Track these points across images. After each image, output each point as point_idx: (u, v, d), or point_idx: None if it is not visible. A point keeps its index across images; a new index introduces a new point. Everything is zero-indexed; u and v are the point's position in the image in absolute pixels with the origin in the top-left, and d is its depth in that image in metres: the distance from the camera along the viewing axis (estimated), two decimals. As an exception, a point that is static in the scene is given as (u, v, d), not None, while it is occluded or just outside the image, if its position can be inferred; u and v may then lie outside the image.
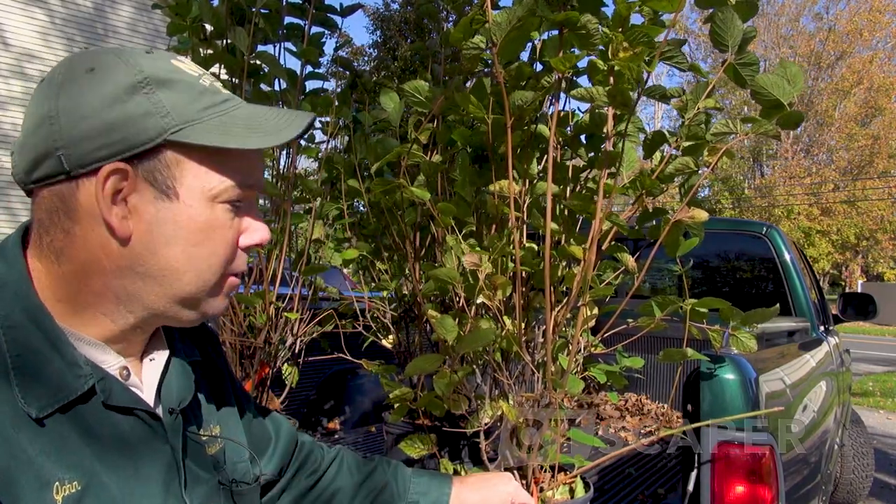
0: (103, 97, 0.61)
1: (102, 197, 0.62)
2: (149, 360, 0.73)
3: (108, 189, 0.62)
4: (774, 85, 1.12)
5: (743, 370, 1.39)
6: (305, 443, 0.98)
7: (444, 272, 1.28)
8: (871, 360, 11.92)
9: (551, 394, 1.26)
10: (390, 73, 14.18)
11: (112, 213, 0.62)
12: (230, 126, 0.65)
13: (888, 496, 4.33)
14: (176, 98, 0.63)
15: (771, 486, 1.32)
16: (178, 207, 0.64)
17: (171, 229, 0.64)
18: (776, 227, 2.86)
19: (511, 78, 1.18)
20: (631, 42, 1.07)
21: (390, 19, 16.19)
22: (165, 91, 0.63)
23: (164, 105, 0.62)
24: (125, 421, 0.65)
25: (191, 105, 0.64)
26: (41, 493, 0.56)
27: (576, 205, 1.26)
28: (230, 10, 1.66)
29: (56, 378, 0.60)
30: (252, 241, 0.70)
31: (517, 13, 1.04)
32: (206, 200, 0.65)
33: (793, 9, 31.64)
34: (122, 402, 0.65)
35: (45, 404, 0.59)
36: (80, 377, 0.62)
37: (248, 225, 0.70)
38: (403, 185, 1.38)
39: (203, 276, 0.66)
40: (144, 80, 0.63)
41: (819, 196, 27.65)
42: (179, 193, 0.64)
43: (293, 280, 1.90)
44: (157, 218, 0.64)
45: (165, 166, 0.63)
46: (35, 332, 0.61)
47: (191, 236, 0.65)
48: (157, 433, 0.67)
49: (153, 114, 0.62)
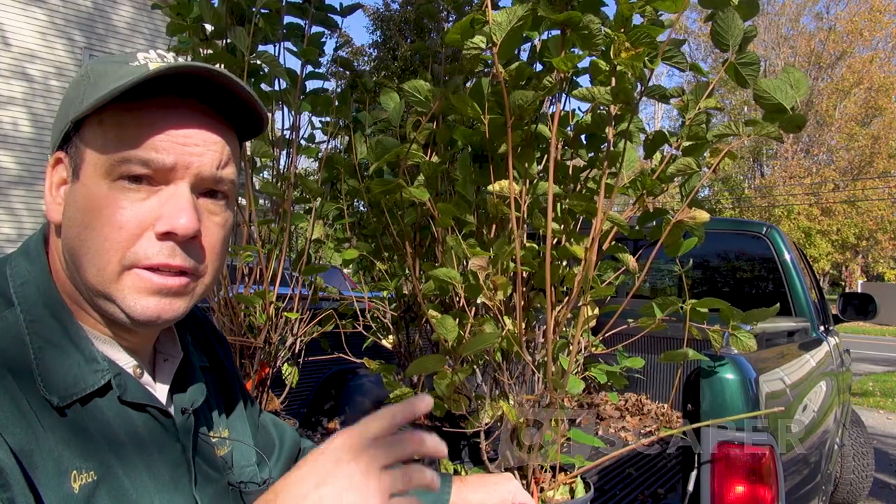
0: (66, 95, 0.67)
1: (51, 186, 0.66)
2: (162, 360, 0.74)
3: (53, 178, 0.66)
4: (777, 89, 1.12)
5: (743, 370, 1.39)
6: (307, 449, 0.98)
7: (444, 272, 1.28)
8: (871, 360, 11.92)
9: (552, 394, 1.26)
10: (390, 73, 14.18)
11: (52, 200, 0.66)
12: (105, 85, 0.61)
13: (888, 496, 4.33)
14: (101, 83, 0.62)
15: (771, 486, 1.32)
16: (78, 188, 0.63)
17: (72, 211, 0.63)
18: (776, 228, 2.86)
19: (511, 78, 1.18)
20: (633, 42, 1.07)
21: (390, 19, 16.19)
22: (100, 79, 0.63)
23: (89, 92, 0.62)
24: (139, 417, 0.66)
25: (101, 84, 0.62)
26: (60, 479, 0.57)
27: (576, 205, 1.26)
28: (230, 10, 1.66)
29: (75, 371, 0.62)
30: (158, 227, 0.62)
31: (517, 13, 1.04)
32: (98, 178, 0.62)
33: (793, 9, 31.65)
34: (137, 398, 0.66)
35: (66, 395, 0.60)
36: (98, 372, 0.63)
37: (161, 210, 0.63)
38: (403, 186, 1.38)
39: (94, 261, 0.62)
40: (86, 73, 0.65)
41: (819, 196, 27.65)
42: (80, 173, 0.63)
43: (293, 280, 1.90)
44: (68, 202, 0.64)
45: (75, 148, 0.64)
46: (56, 327, 0.63)
47: (83, 217, 0.62)
48: (169, 431, 0.68)
49: (74, 101, 0.64)
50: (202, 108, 0.65)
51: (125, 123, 0.61)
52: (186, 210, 0.63)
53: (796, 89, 1.12)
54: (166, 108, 0.63)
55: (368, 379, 2.84)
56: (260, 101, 0.67)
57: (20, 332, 0.61)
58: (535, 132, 1.33)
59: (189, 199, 0.63)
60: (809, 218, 26.66)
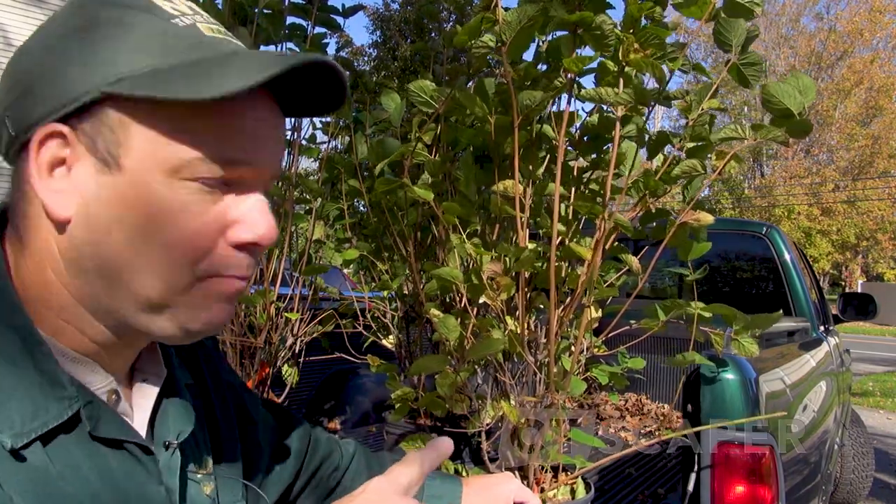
0: (43, 42, 0.50)
1: (36, 167, 0.49)
2: (140, 380, 0.60)
3: (43, 157, 0.49)
4: (786, 94, 1.12)
5: (743, 370, 1.39)
6: (321, 441, 0.88)
7: (446, 271, 1.28)
8: (871, 360, 11.92)
9: (553, 395, 1.26)
10: (390, 74, 14.18)
11: (46, 188, 0.49)
12: (189, 68, 0.48)
13: (888, 496, 4.33)
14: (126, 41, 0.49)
15: (771, 487, 1.33)
16: (122, 182, 0.49)
17: (112, 211, 0.49)
18: (776, 227, 2.86)
19: (519, 78, 1.18)
20: (642, 43, 1.07)
21: (390, 19, 16.18)
22: (117, 33, 0.49)
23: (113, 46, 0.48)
24: (114, 457, 0.52)
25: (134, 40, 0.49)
26: None
27: (581, 205, 1.26)
28: (232, 11, 1.66)
29: (34, 399, 0.48)
30: (239, 236, 0.52)
31: (528, 12, 1.04)
32: (161, 175, 0.49)
33: (793, 9, 31.66)
34: (111, 433, 0.52)
35: (21, 432, 0.46)
36: (63, 399, 0.49)
37: (239, 215, 0.52)
38: (407, 185, 1.38)
39: (163, 274, 0.50)
40: (92, 20, 0.49)
41: (819, 196, 27.66)
42: (124, 164, 0.49)
43: (293, 280, 1.90)
44: (97, 196, 0.49)
45: (108, 128, 0.48)
46: (11, 339, 0.48)
47: (140, 221, 0.49)
48: (150, 472, 0.55)
49: (89, 62, 0.48)
50: (270, 95, 0.54)
51: (201, 114, 0.49)
52: (269, 217, 0.53)
53: (805, 95, 1.12)
54: (253, 98, 0.51)
55: (369, 379, 2.84)
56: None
57: None
58: (539, 133, 1.33)
59: (268, 205, 0.54)
60: (809, 218, 26.66)
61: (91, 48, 0.49)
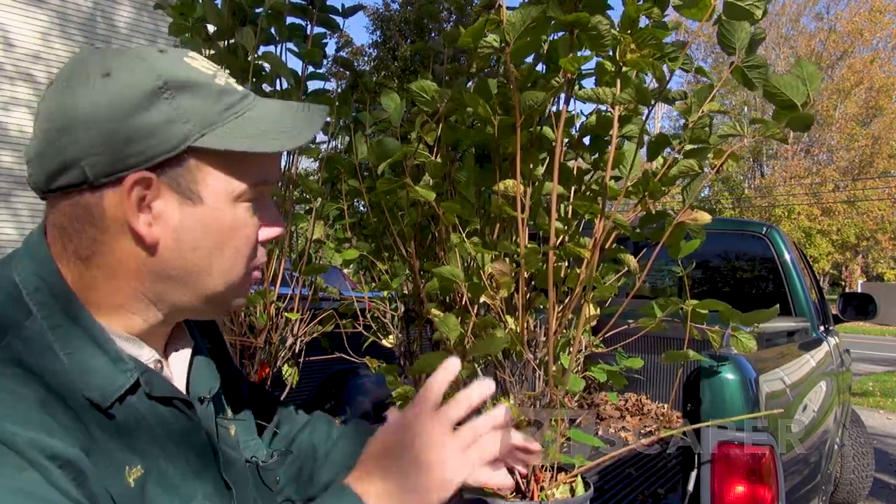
0: (124, 105, 0.61)
1: (129, 206, 0.62)
2: (174, 351, 0.76)
3: (133, 198, 0.62)
4: (788, 85, 1.10)
5: (743, 370, 1.39)
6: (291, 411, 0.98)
7: (448, 270, 1.28)
8: (871, 360, 11.92)
9: (553, 392, 1.27)
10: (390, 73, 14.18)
11: (139, 222, 0.63)
12: (250, 128, 0.66)
13: (888, 496, 4.33)
14: (196, 102, 0.64)
15: (771, 486, 1.33)
16: (203, 211, 0.66)
17: (198, 233, 0.66)
18: (776, 227, 2.86)
19: (521, 78, 1.18)
20: (639, 44, 1.07)
21: (390, 19, 16.18)
22: (185, 95, 0.63)
23: (186, 110, 0.63)
24: (166, 410, 0.68)
25: (211, 108, 0.64)
26: (118, 473, 0.60)
27: (580, 206, 1.26)
28: (232, 11, 1.66)
29: (106, 373, 0.63)
30: (270, 234, 0.72)
31: (532, 13, 1.04)
32: (228, 202, 0.67)
33: (793, 9, 31.65)
34: (163, 392, 0.68)
35: (105, 396, 0.62)
36: (126, 371, 0.65)
37: (264, 219, 0.72)
38: (410, 186, 1.38)
39: (229, 276, 0.69)
40: (164, 84, 0.62)
41: (819, 196, 27.66)
42: (203, 197, 0.65)
43: (293, 280, 1.90)
44: (182, 223, 0.65)
45: (188, 171, 0.64)
46: (79, 332, 0.63)
47: (217, 239, 0.67)
48: (194, 420, 0.71)
49: (175, 121, 0.62)
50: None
51: (253, 156, 0.66)
52: (280, 216, 0.73)
53: (809, 83, 1.10)
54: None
55: (369, 379, 2.84)
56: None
57: (47, 340, 0.61)
58: (540, 133, 1.33)
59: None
60: (809, 218, 26.66)
61: (171, 107, 0.62)
